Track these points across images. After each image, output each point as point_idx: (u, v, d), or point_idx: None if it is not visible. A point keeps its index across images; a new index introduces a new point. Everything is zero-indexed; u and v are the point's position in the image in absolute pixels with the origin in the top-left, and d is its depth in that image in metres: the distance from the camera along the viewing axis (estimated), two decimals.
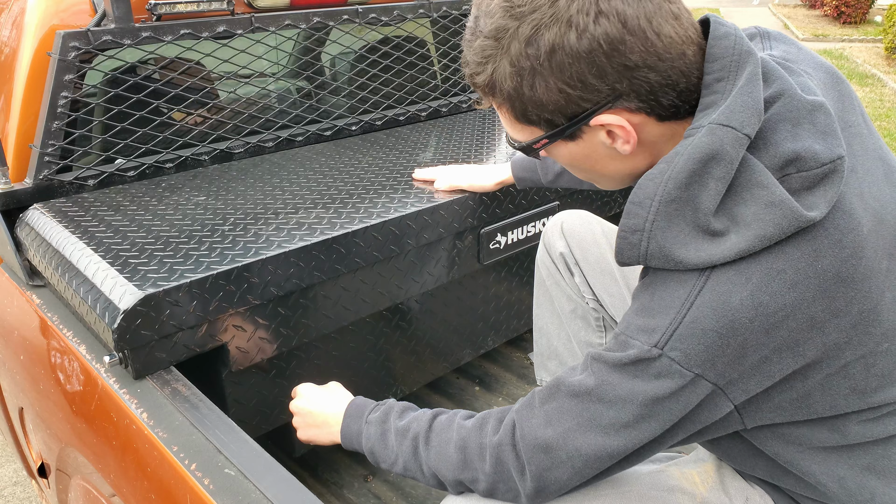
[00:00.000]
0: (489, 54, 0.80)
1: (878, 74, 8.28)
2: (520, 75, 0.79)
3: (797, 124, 0.78)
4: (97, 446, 1.16)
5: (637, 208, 0.80)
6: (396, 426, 1.01)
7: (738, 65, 0.78)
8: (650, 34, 0.76)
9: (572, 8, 0.75)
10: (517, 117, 0.85)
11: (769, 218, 0.74)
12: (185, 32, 1.59)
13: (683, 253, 0.77)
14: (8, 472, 2.32)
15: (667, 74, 0.78)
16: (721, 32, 0.80)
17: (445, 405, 1.91)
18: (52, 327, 1.27)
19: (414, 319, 1.65)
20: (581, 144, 0.85)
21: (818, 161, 0.76)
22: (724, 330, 0.76)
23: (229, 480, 0.91)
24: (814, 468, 0.89)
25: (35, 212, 1.44)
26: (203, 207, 1.44)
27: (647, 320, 0.80)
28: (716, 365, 0.77)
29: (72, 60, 1.46)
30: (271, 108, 1.85)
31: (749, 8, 15.00)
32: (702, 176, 0.76)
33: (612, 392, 0.82)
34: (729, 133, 0.76)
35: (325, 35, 2.00)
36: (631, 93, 0.78)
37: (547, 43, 0.76)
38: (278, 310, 1.29)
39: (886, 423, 0.86)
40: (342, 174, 1.62)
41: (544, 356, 1.58)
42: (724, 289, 0.76)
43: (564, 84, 0.78)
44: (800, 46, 0.92)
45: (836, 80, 0.88)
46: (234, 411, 1.34)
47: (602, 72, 0.76)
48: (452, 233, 1.51)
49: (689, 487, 1.00)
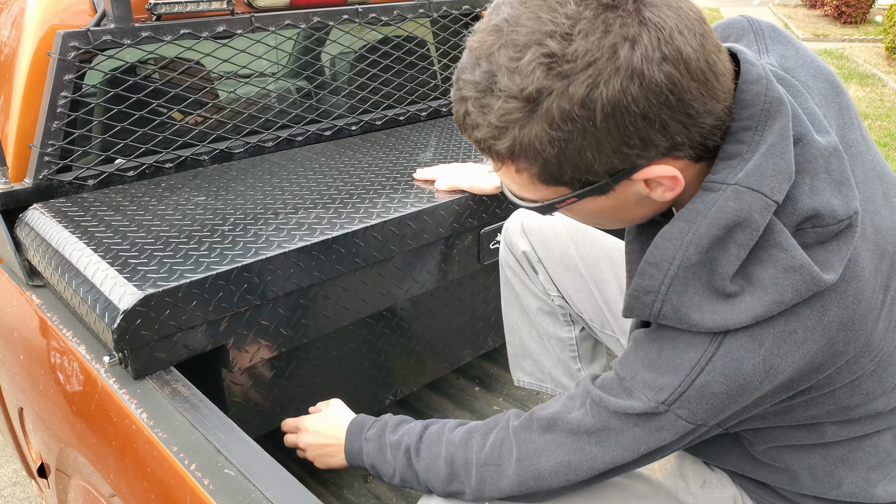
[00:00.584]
0: (516, 118, 0.67)
1: (878, 74, 8.28)
2: (565, 140, 0.67)
3: (815, 176, 0.73)
4: (97, 446, 1.16)
5: (653, 269, 0.76)
6: (391, 440, 1.03)
7: (769, 115, 0.72)
8: (709, 76, 0.68)
9: (635, 57, 0.64)
10: (544, 180, 0.73)
11: (788, 283, 0.71)
12: (185, 32, 1.59)
13: (698, 316, 0.74)
14: (8, 472, 2.32)
15: (719, 116, 0.71)
16: (753, 76, 0.73)
17: (445, 405, 1.91)
18: (52, 327, 1.27)
19: (414, 319, 1.65)
20: (612, 198, 0.76)
21: (835, 218, 0.73)
22: (734, 392, 0.76)
23: (229, 480, 0.91)
24: (786, 457, 0.91)
25: (35, 212, 1.44)
26: (203, 207, 1.44)
27: (655, 377, 0.78)
28: (718, 416, 0.78)
29: (72, 60, 1.46)
30: (271, 108, 1.85)
31: (749, 8, 15.00)
32: (724, 241, 0.72)
33: (612, 438, 0.82)
34: (759, 200, 0.70)
35: (325, 35, 2.00)
36: (686, 142, 0.70)
37: (606, 101, 0.65)
38: (278, 310, 1.29)
39: (863, 424, 0.87)
40: (342, 174, 1.62)
41: (518, 355, 1.57)
42: (736, 356, 0.74)
43: (622, 143, 0.68)
44: (796, 45, 0.87)
45: (835, 90, 0.84)
46: (234, 411, 1.34)
47: (664, 125, 0.67)
48: (452, 233, 1.51)
49: (646, 473, 1.02)
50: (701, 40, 0.67)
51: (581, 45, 0.64)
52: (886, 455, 0.91)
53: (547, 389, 1.56)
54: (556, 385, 1.54)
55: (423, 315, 1.66)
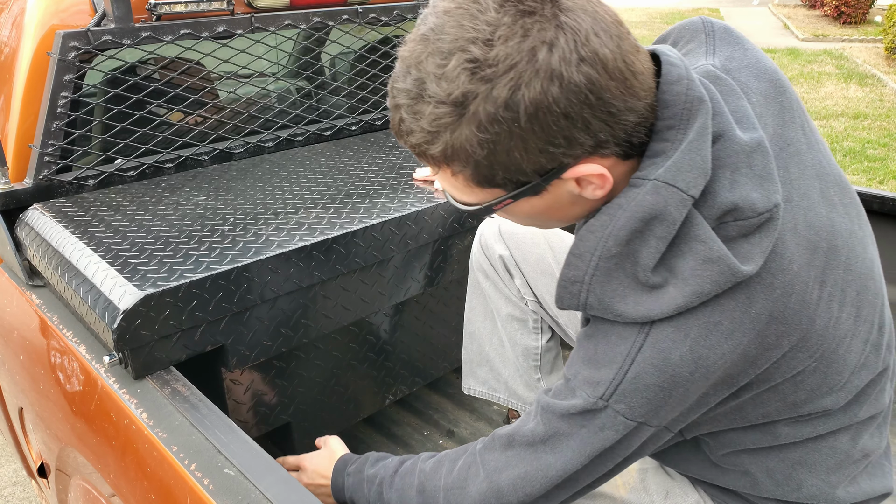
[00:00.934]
0: (447, 122, 0.70)
1: (878, 74, 8.28)
2: (493, 142, 0.70)
3: (735, 170, 0.76)
4: (97, 446, 1.16)
5: (577, 260, 0.79)
6: (367, 474, 1.07)
7: (690, 114, 0.75)
8: (628, 74, 0.71)
9: (553, 59, 0.67)
10: (478, 182, 0.76)
11: (706, 274, 0.74)
12: (185, 32, 1.59)
13: (622, 306, 0.77)
14: (8, 472, 2.32)
15: (642, 113, 0.74)
16: (673, 76, 0.76)
17: (445, 405, 1.91)
18: (52, 327, 1.27)
19: (414, 319, 1.65)
20: (546, 197, 0.79)
21: (755, 211, 0.75)
22: (666, 384, 0.77)
23: (229, 480, 0.91)
24: (745, 461, 0.92)
25: (35, 212, 1.44)
26: (203, 207, 1.44)
27: (593, 372, 0.81)
28: (658, 413, 0.79)
29: (72, 60, 1.46)
30: (271, 108, 1.85)
31: (749, 8, 15.00)
32: (643, 234, 0.75)
33: (563, 443, 0.84)
34: (674, 194, 0.73)
35: (325, 35, 2.00)
36: (611, 139, 0.73)
37: (528, 102, 0.67)
38: (278, 310, 1.29)
39: (816, 424, 0.88)
40: (342, 174, 1.62)
41: (473, 363, 1.56)
42: (664, 346, 0.76)
43: (547, 143, 0.71)
44: (745, 47, 0.89)
45: (777, 90, 0.86)
46: (234, 411, 1.34)
47: (587, 124, 0.70)
48: (452, 233, 1.51)
49: (609, 491, 1.04)
50: (617, 42, 0.70)
51: (501, 49, 0.67)
52: (845, 456, 0.91)
53: (499, 399, 1.55)
54: (510, 395, 1.53)
55: (423, 315, 1.66)
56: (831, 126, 6.44)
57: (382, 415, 1.85)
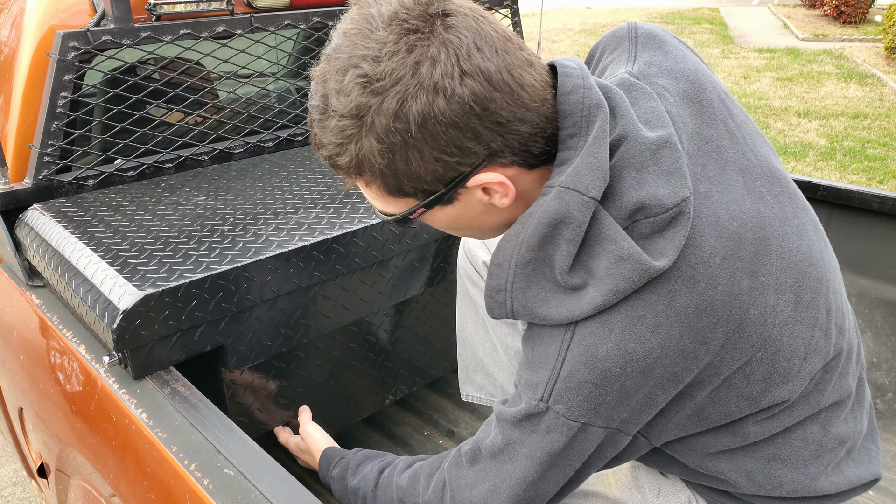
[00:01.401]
0: (350, 133, 0.75)
1: (878, 74, 8.28)
2: (391, 151, 0.75)
3: (641, 169, 0.78)
4: (97, 446, 1.16)
5: (498, 269, 0.82)
6: (351, 485, 1.11)
7: (589, 120, 0.78)
8: (514, 86, 0.74)
9: (436, 73, 0.71)
10: (390, 192, 0.80)
11: (620, 272, 0.76)
12: (184, 32, 1.59)
13: (545, 310, 0.80)
14: (8, 472, 2.32)
15: (535, 123, 0.77)
16: (569, 87, 0.79)
17: (445, 405, 1.91)
18: (52, 327, 1.27)
19: (414, 319, 1.65)
20: (458, 206, 0.83)
21: (663, 206, 0.76)
22: (598, 381, 0.78)
23: (229, 480, 0.91)
24: (721, 467, 0.93)
25: (34, 212, 1.44)
26: (203, 207, 1.44)
27: (532, 374, 0.82)
28: (600, 412, 0.80)
29: (71, 60, 1.46)
30: (271, 108, 1.85)
31: (749, 7, 15.01)
32: (553, 238, 0.78)
33: (518, 450, 0.85)
34: (575, 197, 0.76)
35: (325, 35, 2.00)
36: (505, 149, 0.77)
37: (416, 114, 0.72)
38: (278, 310, 1.29)
39: (781, 419, 0.89)
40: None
41: (469, 369, 1.56)
42: (589, 342, 0.78)
43: (441, 153, 0.75)
44: (666, 50, 0.91)
45: (696, 89, 0.88)
46: (234, 411, 1.34)
47: (476, 134, 0.74)
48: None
49: (602, 490, 1.05)
50: (503, 56, 0.74)
51: (388, 65, 0.72)
52: (818, 446, 0.92)
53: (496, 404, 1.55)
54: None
55: (423, 315, 1.66)
56: (831, 126, 6.44)
57: (382, 415, 1.85)
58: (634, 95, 0.84)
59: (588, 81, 0.80)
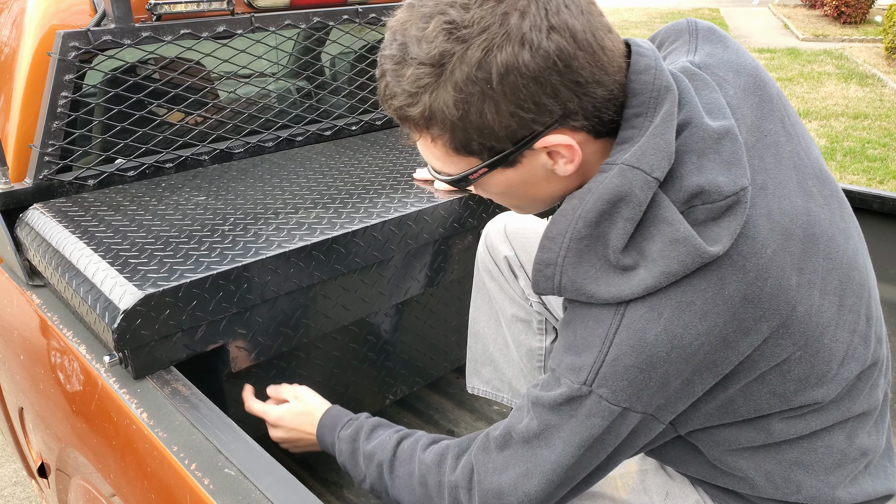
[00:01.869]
0: (426, 83, 0.75)
1: (878, 74, 8.28)
2: (467, 102, 0.74)
3: (702, 155, 0.78)
4: (97, 446, 1.16)
5: (550, 243, 0.82)
6: (364, 449, 1.05)
7: (657, 101, 0.78)
8: (596, 48, 0.75)
9: (524, 25, 0.72)
10: (456, 149, 0.80)
11: (674, 255, 0.76)
12: (185, 32, 1.59)
13: (594, 288, 0.79)
14: (8, 472, 2.32)
15: (610, 89, 0.77)
16: (641, 66, 0.79)
17: (445, 405, 1.91)
18: (52, 327, 1.27)
19: (414, 319, 1.65)
20: (520, 170, 0.82)
21: (722, 194, 0.77)
22: (644, 365, 0.78)
23: (229, 480, 0.91)
24: (742, 464, 0.92)
25: (35, 212, 1.44)
26: (203, 207, 1.44)
27: (574, 358, 0.82)
28: (641, 397, 0.80)
29: (72, 60, 1.46)
30: (271, 108, 1.85)
31: (749, 8, 15.01)
32: (611, 215, 0.77)
33: (555, 435, 0.84)
34: (639, 176, 0.76)
35: (325, 35, 2.00)
36: (579, 110, 0.76)
37: (500, 64, 0.72)
38: (278, 309, 1.29)
39: (809, 420, 0.88)
40: (342, 174, 1.62)
41: (478, 362, 1.56)
42: (638, 326, 0.78)
43: (517, 107, 0.74)
44: (727, 44, 0.92)
45: (756, 84, 0.88)
46: (234, 411, 1.34)
47: (555, 91, 0.74)
48: (452, 233, 1.51)
49: (609, 492, 1.04)
50: (588, 17, 0.75)
51: (477, 13, 0.72)
52: (842, 455, 0.91)
53: (503, 399, 1.55)
54: (513, 395, 1.53)
55: (423, 315, 1.66)
56: (831, 126, 6.44)
57: (382, 415, 1.84)
58: (696, 85, 0.84)
59: (660, 63, 0.80)
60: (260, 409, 1.23)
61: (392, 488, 1.01)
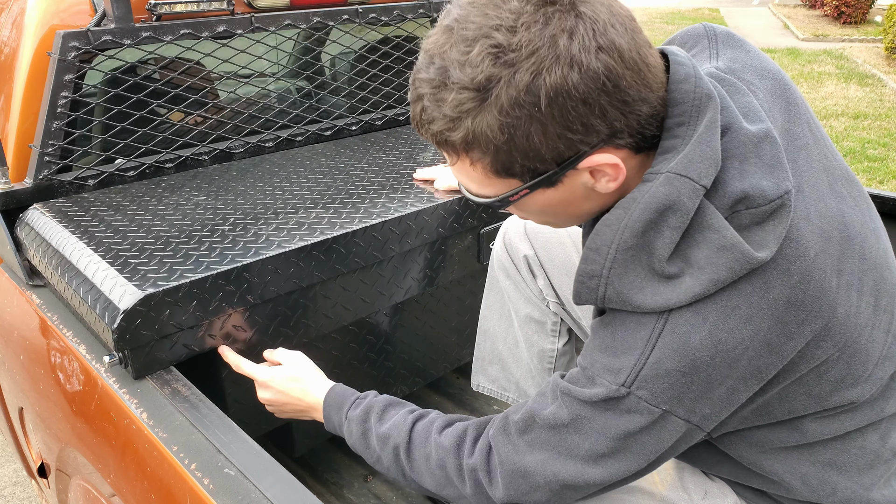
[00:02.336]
0: (468, 108, 0.73)
1: (878, 74, 8.28)
2: (513, 126, 0.72)
3: (744, 160, 0.78)
4: (97, 446, 1.16)
5: (594, 255, 0.80)
6: (378, 431, 1.03)
7: (699, 110, 0.78)
8: (641, 66, 0.74)
9: (573, 46, 0.70)
10: (497, 171, 0.78)
11: (721, 262, 0.75)
12: (185, 32, 1.59)
13: (640, 297, 0.78)
14: (8, 472, 2.32)
15: (654, 105, 0.77)
16: (681, 75, 0.79)
17: (445, 405, 1.91)
18: (52, 327, 1.27)
19: (414, 319, 1.65)
20: (561, 189, 0.81)
21: (766, 198, 0.76)
22: (686, 369, 0.77)
23: (229, 480, 0.91)
24: (776, 467, 0.92)
25: (35, 212, 1.44)
26: (203, 207, 1.44)
27: (612, 360, 0.81)
28: (683, 401, 0.79)
29: (72, 60, 1.46)
30: (271, 108, 1.85)
31: (749, 8, 15.00)
32: (658, 224, 0.76)
33: (586, 425, 0.83)
34: (686, 184, 0.75)
35: (325, 35, 2.00)
36: (625, 129, 0.75)
37: (549, 87, 0.70)
38: (278, 310, 1.29)
39: (843, 420, 0.88)
40: (342, 174, 1.62)
41: (485, 360, 1.55)
42: (683, 330, 0.77)
43: (565, 129, 0.73)
44: (748, 49, 0.91)
45: (782, 87, 0.88)
46: (234, 411, 1.34)
47: (603, 111, 0.73)
48: (452, 233, 1.51)
49: (648, 487, 1.03)
50: (632, 35, 0.74)
51: (524, 35, 0.70)
52: (875, 456, 0.91)
53: (508, 399, 1.54)
54: (519, 395, 1.53)
55: (423, 315, 1.66)
56: (831, 126, 6.44)
57: None
58: (729, 90, 0.83)
59: (698, 71, 0.79)
60: (250, 370, 1.20)
61: (410, 471, 0.99)
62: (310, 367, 1.19)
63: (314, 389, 1.14)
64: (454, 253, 1.56)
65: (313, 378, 1.16)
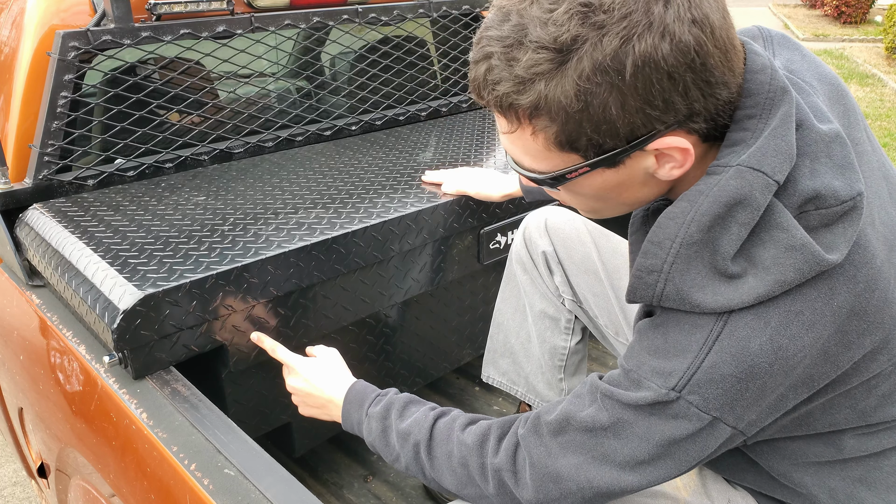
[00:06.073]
0: (544, 69, 0.67)
1: (878, 74, 8.28)
2: (591, 93, 0.67)
3: (815, 159, 0.74)
4: (97, 446, 1.16)
5: (656, 248, 0.76)
6: (398, 428, 1.01)
7: (773, 103, 0.74)
8: (729, 46, 0.70)
9: (668, 15, 0.65)
10: (560, 144, 0.73)
11: (789, 263, 0.71)
12: (184, 32, 1.59)
13: (700, 296, 0.74)
14: (8, 472, 2.32)
15: (733, 91, 0.72)
16: (758, 66, 0.75)
17: (445, 405, 1.90)
18: (52, 327, 1.27)
19: (414, 319, 1.65)
20: (621, 171, 0.76)
21: (838, 199, 0.73)
22: (743, 375, 0.74)
23: (229, 480, 0.91)
24: (806, 480, 0.89)
25: (35, 212, 1.44)
26: (203, 207, 1.44)
27: (663, 363, 0.77)
28: (735, 408, 0.76)
29: (71, 60, 1.46)
30: (271, 108, 1.85)
31: (749, 7, 15.00)
32: (725, 220, 0.72)
33: (628, 430, 0.80)
34: (759, 178, 0.71)
35: (325, 35, 2.00)
36: (703, 111, 0.71)
37: (637, 56, 0.65)
38: (278, 310, 1.29)
39: (881, 438, 0.86)
40: (342, 174, 1.62)
41: (497, 353, 1.54)
42: (742, 334, 0.73)
43: (645, 103, 0.68)
44: (803, 52, 0.88)
45: (840, 93, 0.85)
46: (234, 411, 1.34)
47: (686, 89, 0.68)
48: (452, 233, 1.51)
49: (671, 492, 1.01)
50: (724, 12, 0.70)
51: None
52: None
53: (517, 393, 1.54)
54: (528, 390, 1.52)
55: (423, 315, 1.66)
56: None
57: None
58: (796, 89, 0.80)
59: (774, 63, 0.76)
60: (284, 356, 1.20)
61: (431, 469, 0.97)
62: (339, 364, 1.18)
63: (337, 382, 1.13)
64: (454, 253, 1.56)
65: (339, 372, 1.15)
